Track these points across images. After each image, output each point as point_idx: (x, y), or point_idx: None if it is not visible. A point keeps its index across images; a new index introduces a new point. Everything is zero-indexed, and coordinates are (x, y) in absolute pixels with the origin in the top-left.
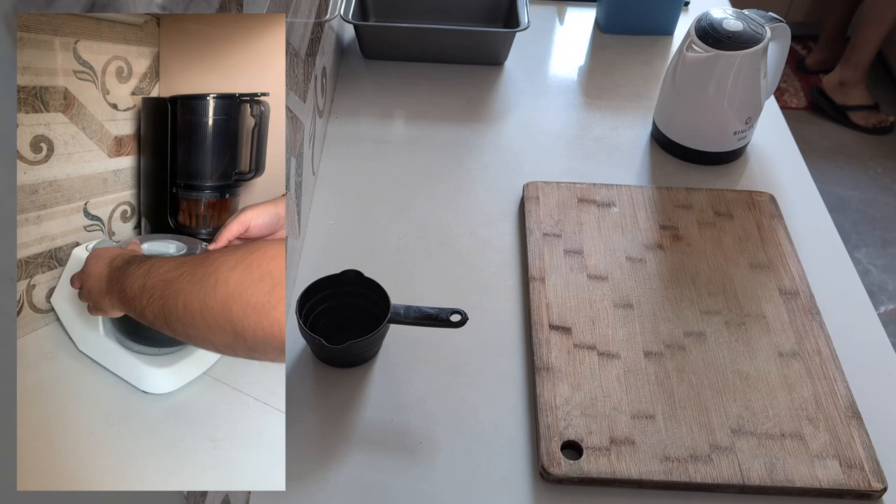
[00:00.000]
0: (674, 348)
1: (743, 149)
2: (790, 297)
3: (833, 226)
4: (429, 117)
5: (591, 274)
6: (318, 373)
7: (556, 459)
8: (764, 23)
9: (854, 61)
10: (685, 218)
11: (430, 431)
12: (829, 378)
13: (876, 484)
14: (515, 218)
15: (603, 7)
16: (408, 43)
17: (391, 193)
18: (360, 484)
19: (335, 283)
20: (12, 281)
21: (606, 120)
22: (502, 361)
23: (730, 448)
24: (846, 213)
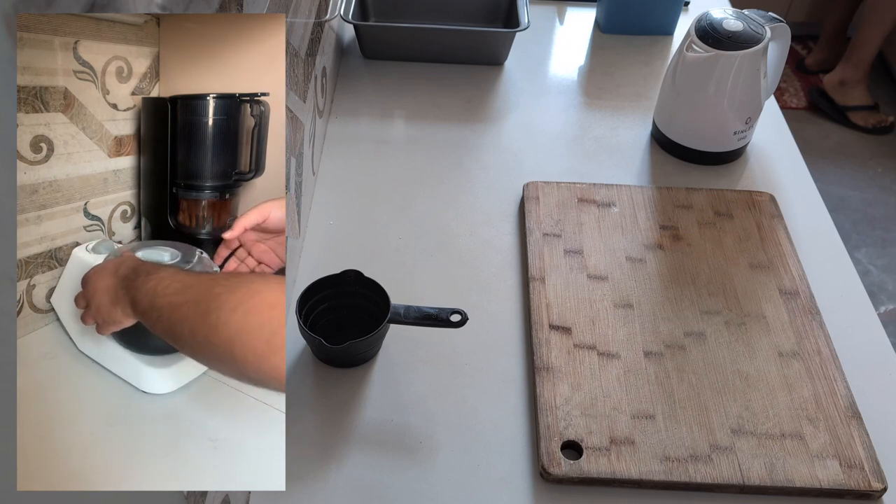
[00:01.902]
0: (674, 348)
1: (743, 149)
2: (790, 297)
3: (833, 226)
4: (429, 117)
5: (591, 274)
6: (318, 373)
7: (556, 459)
8: (764, 23)
9: (855, 61)
10: (685, 218)
11: (430, 431)
12: (829, 378)
13: (876, 484)
14: (515, 218)
15: (603, 7)
16: (408, 43)
17: (391, 193)
18: (360, 484)
19: (335, 283)
20: (12, 281)
21: (606, 120)
22: (502, 361)
23: (730, 448)
24: (846, 213)
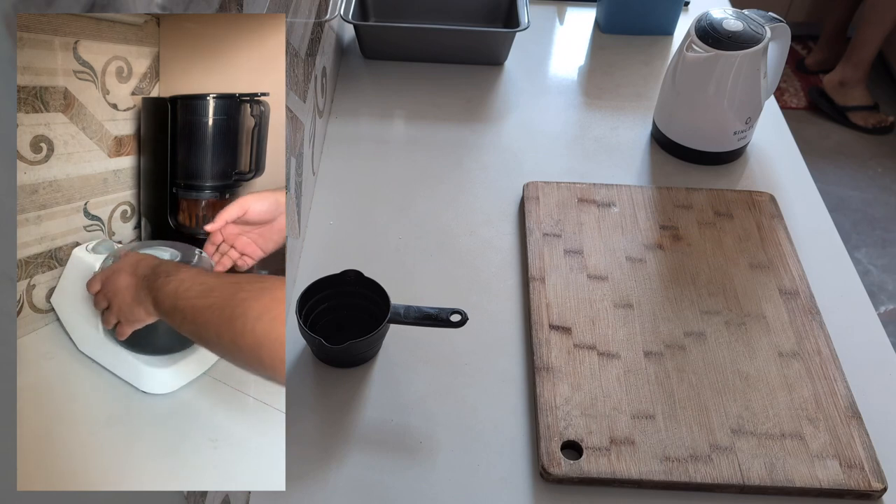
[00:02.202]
0: (674, 348)
1: (743, 149)
2: (790, 297)
3: (833, 226)
4: (429, 117)
5: (591, 274)
6: (318, 373)
7: (556, 459)
8: (764, 23)
9: (855, 61)
10: (685, 218)
11: (430, 431)
12: (829, 378)
13: (876, 484)
14: (515, 218)
15: (603, 7)
16: (408, 43)
17: (391, 193)
18: (360, 484)
19: (335, 283)
20: (12, 281)
21: (606, 120)
22: (502, 361)
23: (730, 448)
24: (846, 213)
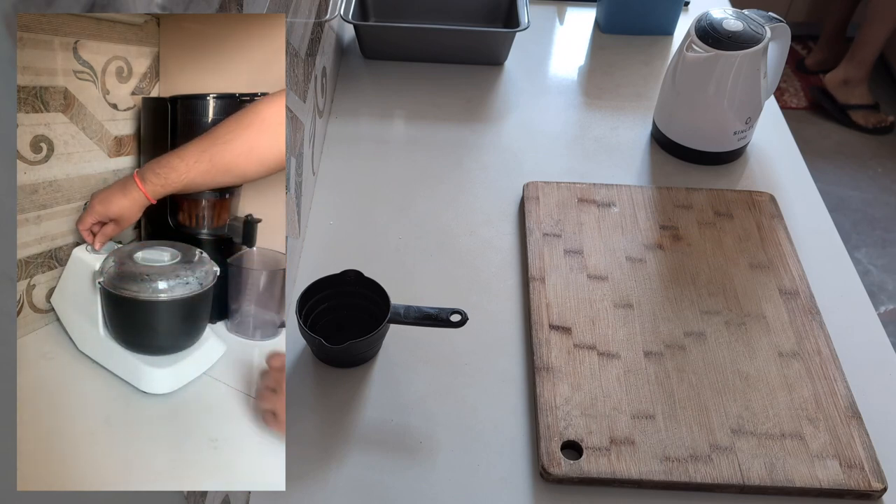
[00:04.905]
0: (674, 348)
1: (743, 149)
2: (790, 297)
3: (833, 226)
4: (429, 117)
5: (591, 274)
6: (318, 373)
7: (556, 459)
8: (764, 23)
9: (858, 59)
10: (685, 218)
11: (430, 431)
12: (829, 378)
13: (876, 484)
14: (515, 218)
15: (603, 7)
16: (408, 43)
17: (391, 193)
18: (360, 484)
19: (335, 283)
20: (12, 281)
21: (606, 120)
22: (502, 361)
23: (730, 448)
24: (846, 213)
